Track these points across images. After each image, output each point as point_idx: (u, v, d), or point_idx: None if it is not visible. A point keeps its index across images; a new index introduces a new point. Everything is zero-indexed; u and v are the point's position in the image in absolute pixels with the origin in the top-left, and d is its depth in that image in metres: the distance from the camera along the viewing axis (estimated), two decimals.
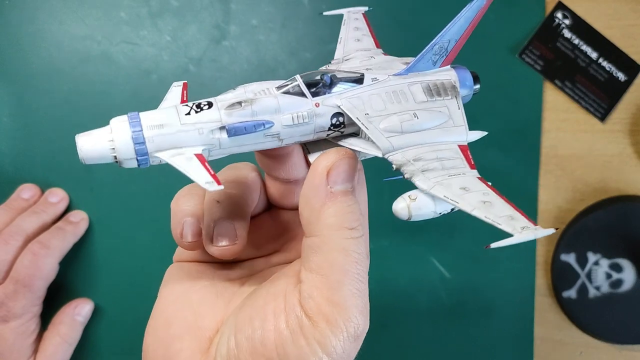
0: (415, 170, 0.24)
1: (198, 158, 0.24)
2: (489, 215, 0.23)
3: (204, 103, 0.25)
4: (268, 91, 0.25)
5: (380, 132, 0.26)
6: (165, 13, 0.56)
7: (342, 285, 0.25)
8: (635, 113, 0.54)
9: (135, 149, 0.23)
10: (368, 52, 0.31)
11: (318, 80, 0.26)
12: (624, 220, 0.53)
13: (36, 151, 0.56)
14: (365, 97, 0.26)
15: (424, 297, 0.55)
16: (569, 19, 0.54)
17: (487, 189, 0.24)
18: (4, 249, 0.49)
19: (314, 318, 0.25)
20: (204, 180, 0.23)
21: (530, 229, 0.23)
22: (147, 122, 0.24)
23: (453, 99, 0.27)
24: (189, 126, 0.24)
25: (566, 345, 0.55)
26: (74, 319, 0.54)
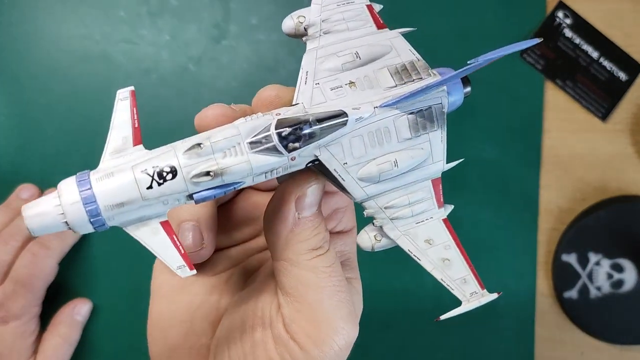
0: (384, 219, 0.25)
1: (165, 229, 0.22)
2: (444, 278, 0.26)
3: (166, 170, 0.21)
4: (239, 149, 0.22)
5: (356, 182, 0.25)
6: (164, 12, 0.56)
7: (320, 303, 0.25)
8: (636, 113, 0.54)
9: (88, 216, 0.21)
10: (352, 16, 0.27)
11: (295, 130, 0.23)
12: (625, 220, 0.53)
13: (35, 151, 0.55)
14: (346, 142, 0.24)
15: (424, 297, 0.55)
16: (570, 19, 0.54)
17: (449, 240, 0.26)
18: (4, 250, 0.49)
19: (302, 342, 0.25)
20: (175, 264, 0.22)
21: (477, 295, 0.26)
22: (104, 201, 0.21)
23: (438, 129, 0.25)
24: (152, 200, 0.21)
25: (567, 345, 0.55)
26: (74, 319, 0.53)
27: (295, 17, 0.26)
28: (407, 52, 0.26)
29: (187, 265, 0.22)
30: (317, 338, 0.25)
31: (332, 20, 0.26)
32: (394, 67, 0.25)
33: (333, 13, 0.27)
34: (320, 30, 0.26)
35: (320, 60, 0.25)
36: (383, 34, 0.27)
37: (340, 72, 0.25)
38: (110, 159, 0.22)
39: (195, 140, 0.22)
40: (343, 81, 0.25)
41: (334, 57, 0.25)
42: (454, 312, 0.25)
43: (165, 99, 0.56)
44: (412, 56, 0.26)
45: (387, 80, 0.25)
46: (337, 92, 0.25)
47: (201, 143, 0.22)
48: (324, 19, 0.26)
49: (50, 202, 0.21)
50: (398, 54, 0.26)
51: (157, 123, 0.55)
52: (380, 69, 0.25)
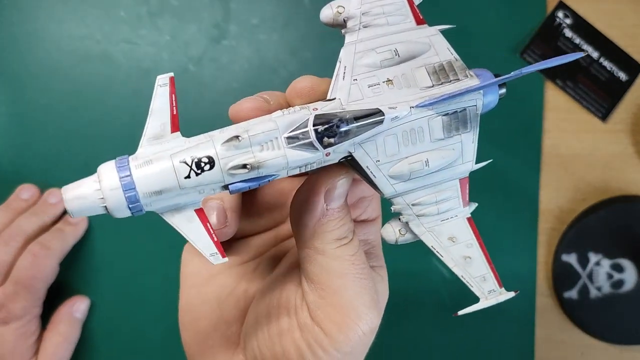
0: (411, 215, 0.26)
1: (199, 216, 0.23)
2: (465, 275, 0.27)
3: (204, 161, 0.22)
4: (276, 144, 0.22)
5: (386, 179, 0.25)
6: (164, 12, 0.56)
7: (344, 289, 0.26)
8: (637, 113, 0.54)
9: (127, 202, 0.21)
10: (392, 10, 0.27)
11: (332, 126, 0.23)
12: (626, 220, 0.53)
13: (35, 151, 0.55)
14: (380, 140, 0.24)
15: (425, 297, 0.55)
16: (570, 19, 0.54)
17: (472, 238, 0.27)
18: (4, 250, 0.49)
19: (326, 328, 0.26)
20: (208, 251, 0.22)
21: (495, 293, 0.27)
22: (143, 188, 0.21)
23: (471, 131, 0.26)
24: (189, 189, 0.22)
25: (567, 345, 0.55)
26: (73, 317, 0.53)
27: (335, 6, 0.26)
28: (445, 51, 0.26)
29: (220, 253, 0.22)
30: (342, 323, 0.26)
31: (372, 14, 0.26)
32: (432, 66, 0.26)
33: (373, 6, 0.26)
34: (360, 24, 0.26)
35: (359, 55, 0.25)
36: (422, 30, 0.27)
37: (378, 69, 0.25)
38: (148, 145, 0.22)
39: (233, 132, 0.22)
40: (381, 78, 0.25)
41: (372, 52, 0.25)
42: (471, 308, 0.26)
43: None
44: (450, 56, 0.26)
45: (425, 80, 0.25)
46: (375, 90, 0.25)
47: (239, 135, 0.22)
48: (364, 11, 0.26)
49: (91, 186, 0.21)
50: (436, 52, 0.26)
51: None
52: (418, 68, 0.25)
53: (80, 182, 0.22)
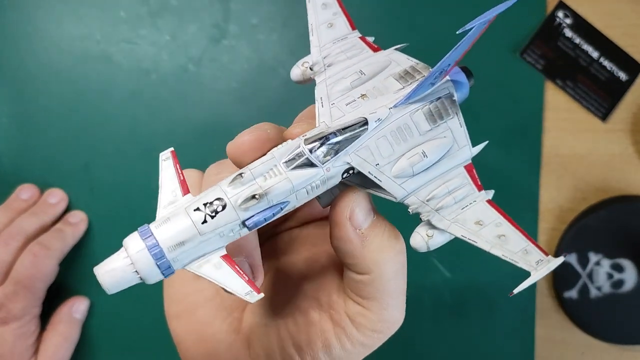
0: (430, 212, 0.26)
1: (226, 262, 0.23)
2: (505, 254, 0.25)
3: (216, 204, 0.23)
4: (277, 170, 0.24)
5: (393, 181, 0.26)
6: (164, 12, 0.56)
7: (392, 304, 0.28)
8: (637, 112, 0.54)
9: (154, 259, 0.23)
10: (348, 47, 0.29)
11: (323, 142, 0.24)
12: (626, 220, 0.53)
13: (35, 151, 0.55)
14: (372, 145, 0.25)
15: (424, 297, 0.55)
16: (570, 18, 0.54)
17: (499, 217, 0.26)
18: (4, 250, 0.49)
19: (363, 330, 0.28)
20: (243, 292, 0.23)
21: (544, 262, 0.25)
22: (166, 242, 0.22)
23: (454, 116, 0.27)
24: (209, 234, 0.23)
25: (567, 345, 0.55)
26: (73, 317, 0.53)
27: (301, 64, 0.29)
28: (405, 61, 0.28)
29: (255, 290, 0.23)
30: (379, 329, 0.28)
31: (332, 55, 0.29)
32: (397, 73, 0.27)
33: (332, 49, 0.29)
34: (324, 65, 0.29)
35: (330, 86, 0.27)
36: (380, 53, 0.29)
37: (350, 90, 0.27)
38: (164, 210, 0.24)
39: (236, 172, 0.24)
40: (355, 96, 0.27)
41: (342, 79, 0.27)
42: (525, 282, 0.25)
43: (165, 99, 0.56)
44: (411, 62, 0.28)
45: (395, 85, 0.27)
46: (352, 105, 0.26)
47: (242, 172, 0.24)
48: (324, 55, 0.29)
49: (119, 256, 0.23)
50: (398, 64, 0.28)
51: (158, 123, 0.56)
52: (386, 78, 0.27)
53: (109, 258, 0.23)
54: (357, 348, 0.28)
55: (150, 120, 0.56)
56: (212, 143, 0.56)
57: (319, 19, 0.30)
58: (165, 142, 0.55)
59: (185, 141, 0.55)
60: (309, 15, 0.30)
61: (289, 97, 0.55)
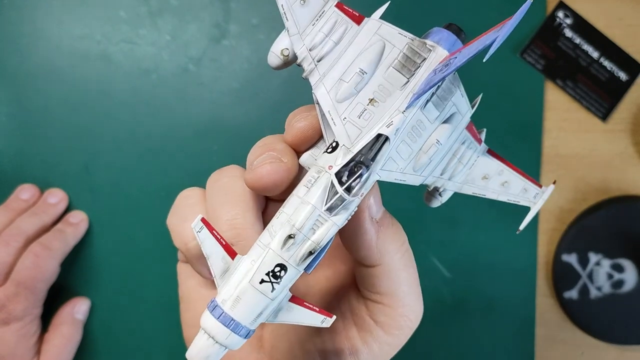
0: (445, 182, 0.28)
1: (295, 303, 0.24)
2: (510, 198, 0.29)
3: (277, 270, 0.24)
4: (322, 219, 0.24)
5: (414, 175, 0.26)
6: (164, 12, 0.56)
7: (409, 295, 0.29)
8: (637, 113, 0.54)
9: (242, 337, 0.24)
10: (330, 27, 0.26)
11: (355, 176, 0.24)
12: (626, 220, 0.53)
13: (35, 151, 0.55)
14: (394, 154, 0.25)
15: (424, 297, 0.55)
16: (570, 18, 0.54)
17: (500, 165, 0.29)
18: (5, 251, 0.49)
19: (387, 329, 0.29)
20: (319, 321, 0.24)
21: (539, 194, 0.28)
22: (247, 321, 0.24)
23: (457, 90, 0.26)
24: (278, 296, 0.24)
25: (567, 345, 0.55)
26: (75, 319, 0.53)
27: (278, 52, 0.27)
28: (398, 38, 0.26)
29: (327, 316, 0.24)
30: (403, 325, 0.29)
31: (317, 45, 0.26)
32: (397, 62, 0.26)
33: (314, 36, 0.26)
34: (313, 60, 0.27)
35: (333, 93, 0.26)
36: (366, 28, 0.26)
37: (356, 95, 0.26)
38: (224, 283, 0.24)
39: (283, 234, 0.24)
40: (363, 102, 0.25)
41: (343, 84, 0.26)
42: (528, 217, 0.28)
43: (165, 99, 0.56)
44: (405, 39, 0.26)
45: (399, 79, 0.26)
46: (365, 116, 0.25)
47: (291, 234, 0.24)
48: (310, 47, 0.26)
49: (207, 344, 0.24)
50: (392, 44, 0.26)
51: (157, 123, 0.56)
52: (387, 70, 0.26)
53: (196, 342, 0.24)
54: (384, 349, 0.29)
55: (150, 120, 0.55)
56: (212, 143, 0.56)
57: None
58: (165, 142, 0.55)
59: (185, 141, 0.55)
60: None
61: (289, 97, 0.55)
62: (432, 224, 0.55)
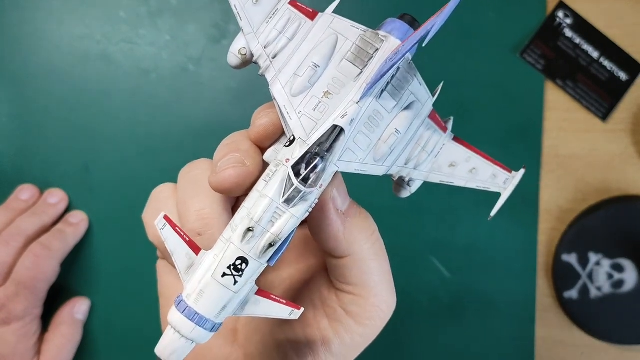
0: (410, 171, 0.27)
1: (261, 296, 0.25)
2: (479, 185, 0.28)
3: (238, 263, 0.24)
4: (280, 211, 0.24)
5: (375, 165, 0.26)
6: (164, 12, 0.56)
7: (380, 284, 0.29)
8: (637, 113, 0.54)
9: (208, 330, 0.24)
10: (284, 24, 0.27)
11: (311, 167, 0.24)
12: (626, 220, 0.53)
13: (35, 151, 0.55)
14: (352, 144, 0.25)
15: (424, 297, 0.55)
16: (570, 18, 0.54)
17: (466, 152, 0.28)
18: (5, 251, 0.49)
19: (359, 319, 0.29)
20: (287, 313, 0.24)
21: (509, 180, 0.28)
22: (211, 313, 0.24)
23: (413, 79, 0.26)
24: (242, 289, 0.24)
25: (568, 345, 0.55)
26: (75, 319, 0.53)
27: (236, 52, 0.27)
28: (351, 31, 0.26)
29: (295, 308, 0.24)
30: (374, 315, 0.29)
31: (271, 42, 0.27)
32: (349, 54, 0.26)
33: (268, 33, 0.27)
34: (268, 57, 0.27)
35: (287, 88, 0.26)
36: (321, 23, 0.27)
37: (310, 89, 0.26)
38: (188, 279, 0.24)
39: (244, 227, 0.24)
40: (318, 95, 0.26)
41: (297, 78, 0.26)
42: (499, 203, 0.28)
43: (165, 99, 0.56)
44: (358, 31, 0.26)
45: (352, 70, 0.26)
46: (320, 109, 0.25)
47: (250, 227, 0.24)
48: (265, 45, 0.27)
49: (173, 337, 0.24)
50: (345, 37, 0.26)
51: (157, 123, 0.56)
52: (340, 63, 0.26)
53: (163, 337, 0.24)
54: (355, 340, 0.29)
55: (150, 119, 0.56)
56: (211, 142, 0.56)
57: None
58: (164, 142, 0.55)
59: (184, 140, 0.55)
60: None
61: None
62: (432, 224, 0.55)
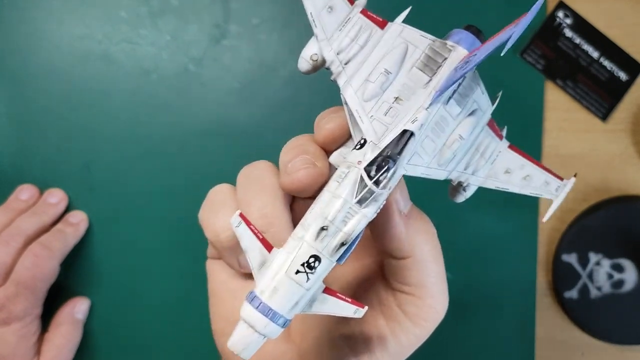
0: (468, 177, 0.28)
1: (329, 294, 0.25)
2: (532, 191, 0.29)
3: (311, 261, 0.25)
4: (352, 212, 0.25)
5: (438, 170, 0.27)
6: (165, 12, 0.56)
7: (437, 286, 0.29)
8: (637, 112, 0.54)
9: (280, 326, 0.25)
10: (356, 32, 0.28)
11: (383, 170, 0.25)
12: (626, 220, 0.53)
13: (35, 151, 0.55)
14: (419, 149, 0.26)
15: None
16: (570, 18, 0.54)
17: (521, 159, 0.29)
18: (4, 251, 0.49)
19: (416, 320, 0.29)
20: (352, 312, 0.25)
21: (561, 187, 0.28)
22: (284, 310, 0.24)
23: (477, 87, 0.28)
24: (313, 286, 0.25)
25: (568, 345, 0.55)
26: (75, 318, 0.53)
27: (308, 57, 0.28)
28: (420, 40, 0.28)
29: (359, 306, 0.25)
30: (430, 317, 0.29)
31: (344, 48, 0.28)
32: (419, 62, 0.27)
33: (341, 40, 0.28)
34: (340, 63, 0.28)
35: (360, 93, 0.27)
36: (390, 32, 0.28)
37: (382, 94, 0.27)
38: (261, 275, 0.25)
39: (316, 226, 0.25)
40: (389, 101, 0.27)
41: (369, 84, 0.27)
42: (551, 209, 0.28)
43: (165, 99, 0.56)
44: (427, 40, 0.27)
45: (422, 78, 0.27)
46: (391, 114, 0.26)
47: (324, 226, 0.25)
48: (337, 51, 0.28)
49: (247, 333, 0.25)
50: (415, 45, 0.27)
51: (157, 123, 0.56)
52: (411, 70, 0.27)
53: (236, 332, 0.25)
54: (410, 340, 0.29)
55: (150, 120, 0.56)
56: (212, 143, 0.56)
57: (317, 5, 0.29)
58: (165, 142, 0.55)
59: (185, 141, 0.55)
60: (305, 4, 0.29)
61: (290, 96, 0.55)
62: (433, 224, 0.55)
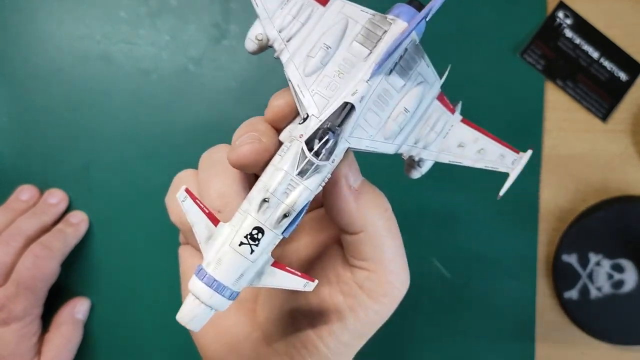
0: (419, 151, 0.28)
1: (277, 267, 0.26)
2: (487, 165, 0.29)
3: (255, 233, 0.25)
4: (294, 183, 0.25)
5: (385, 143, 0.27)
6: (164, 12, 0.56)
7: (394, 261, 0.29)
8: (637, 113, 0.54)
9: (226, 298, 0.25)
10: (298, 9, 0.28)
11: (324, 143, 0.26)
12: (626, 220, 0.53)
13: (34, 152, 0.55)
14: (362, 122, 0.27)
15: (424, 297, 0.55)
16: (570, 19, 0.54)
17: (474, 133, 0.29)
18: (5, 251, 0.49)
19: (373, 295, 0.29)
20: (301, 285, 0.26)
21: (517, 160, 0.29)
22: (229, 281, 0.25)
23: (421, 60, 0.28)
24: (258, 258, 0.25)
25: (568, 346, 0.55)
26: (75, 318, 0.53)
27: (254, 38, 0.28)
28: (361, 14, 0.28)
29: (309, 280, 0.26)
30: (389, 292, 0.29)
31: (286, 26, 0.28)
32: (360, 36, 0.28)
33: (283, 18, 0.28)
34: (282, 41, 0.28)
35: (301, 69, 0.27)
36: (332, 8, 0.28)
37: (323, 68, 0.27)
38: (208, 248, 0.26)
39: (259, 198, 0.25)
40: (330, 75, 0.27)
41: (310, 59, 0.27)
42: (507, 183, 0.29)
43: (165, 99, 0.56)
44: (367, 15, 0.28)
45: (362, 51, 0.27)
46: (332, 87, 0.27)
47: (265, 198, 0.25)
48: (279, 29, 0.28)
49: (193, 305, 0.25)
50: (355, 20, 0.28)
51: (157, 123, 0.56)
52: (351, 44, 0.28)
53: (185, 304, 0.25)
54: (370, 316, 0.29)
55: (150, 120, 0.56)
56: (212, 142, 0.56)
57: None
58: (165, 142, 0.55)
59: (185, 141, 0.55)
60: None
61: None
62: (432, 224, 0.55)
